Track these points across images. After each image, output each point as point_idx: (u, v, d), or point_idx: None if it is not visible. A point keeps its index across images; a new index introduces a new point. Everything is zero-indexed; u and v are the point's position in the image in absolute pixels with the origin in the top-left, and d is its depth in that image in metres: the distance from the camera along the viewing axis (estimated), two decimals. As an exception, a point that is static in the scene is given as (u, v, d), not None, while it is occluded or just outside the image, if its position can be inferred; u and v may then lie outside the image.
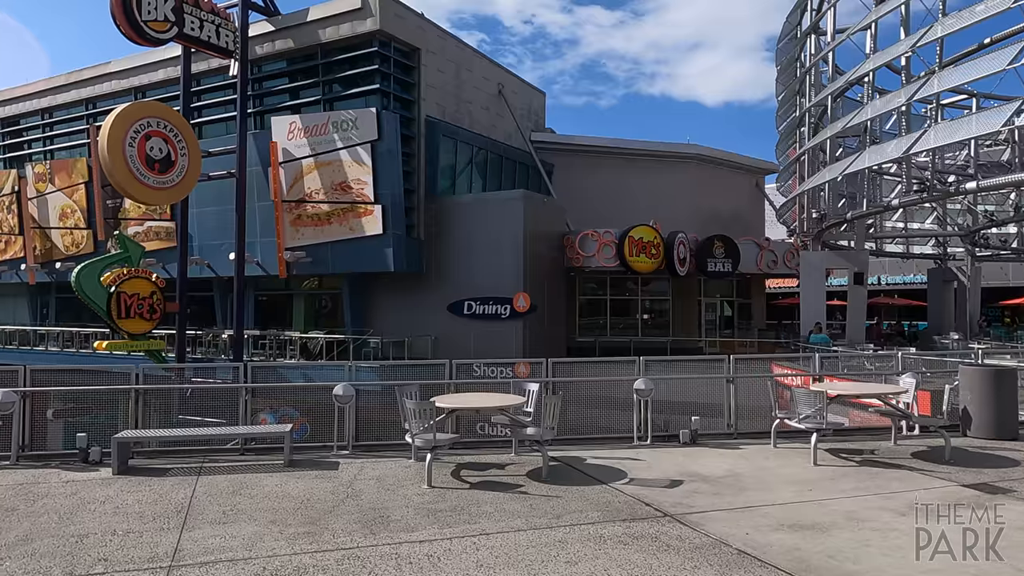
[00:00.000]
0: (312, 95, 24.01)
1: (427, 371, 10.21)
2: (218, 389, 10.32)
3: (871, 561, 5.41)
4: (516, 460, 8.92)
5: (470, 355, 22.66)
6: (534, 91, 31.49)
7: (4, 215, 31.26)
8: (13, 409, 8.64)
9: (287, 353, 23.76)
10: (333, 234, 23.06)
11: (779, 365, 16.15)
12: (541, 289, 23.19)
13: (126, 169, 20.84)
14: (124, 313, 22.09)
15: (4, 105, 31.89)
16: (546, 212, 24.31)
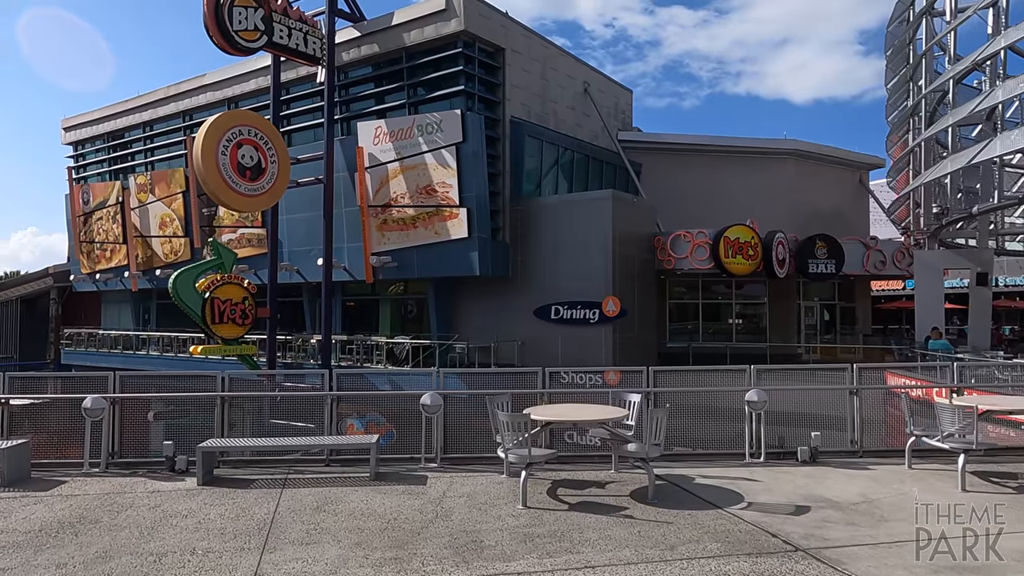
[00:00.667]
0: (397, 99, 23.93)
1: (517, 379, 9.58)
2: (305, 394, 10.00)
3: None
4: (616, 478, 8.18)
5: (557, 361, 22.03)
6: (620, 89, 30.59)
7: (109, 225, 32.71)
8: (103, 415, 8.53)
9: (373, 358, 23.70)
10: (418, 238, 22.86)
11: (895, 374, 14.76)
12: (631, 293, 22.28)
13: (219, 177, 21.22)
14: (217, 318, 22.48)
15: (110, 120, 33.44)
16: (635, 212, 23.39)
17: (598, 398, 9.11)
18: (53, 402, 9.28)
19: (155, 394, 9.19)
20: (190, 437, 8.79)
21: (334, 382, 9.05)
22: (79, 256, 34.41)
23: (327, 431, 8.80)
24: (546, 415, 7.52)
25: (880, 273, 26.50)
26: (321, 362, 23.44)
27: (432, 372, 9.27)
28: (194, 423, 9.67)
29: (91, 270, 33.81)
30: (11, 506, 7.06)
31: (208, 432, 8.92)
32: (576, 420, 7.69)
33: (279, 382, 10.40)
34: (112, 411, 8.83)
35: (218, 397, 8.87)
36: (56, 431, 9.44)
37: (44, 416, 9.39)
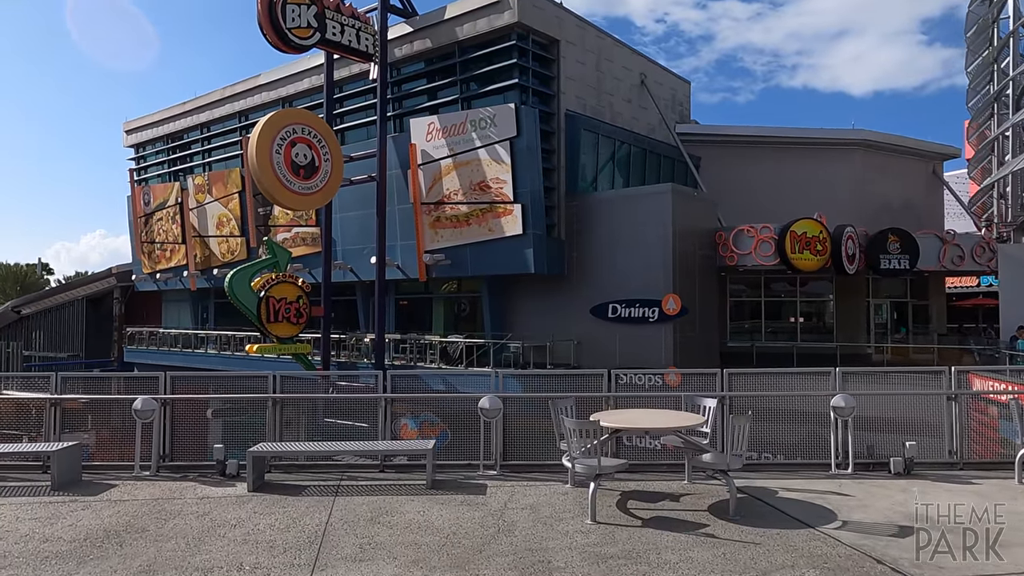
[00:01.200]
0: (450, 94, 23.56)
1: (579, 381, 8.99)
2: (358, 396, 9.62)
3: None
4: (691, 489, 7.55)
5: (614, 361, 21.34)
6: (678, 80, 29.64)
7: (169, 225, 33.27)
8: (153, 417, 8.29)
9: (427, 357, 23.40)
10: (472, 235, 22.45)
11: (982, 376, 13.68)
12: (691, 290, 21.44)
13: (273, 175, 21.17)
14: (272, 317, 22.48)
15: (169, 122, 34.01)
16: (696, 207, 22.51)
17: (668, 402, 8.48)
18: (106, 402, 9.06)
19: (205, 395, 8.91)
20: (248, 436, 8.50)
21: (387, 383, 8.63)
22: (140, 256, 35.12)
23: (381, 434, 8.39)
24: (616, 421, 6.94)
25: (957, 269, 25.02)
26: (375, 361, 23.25)
27: (491, 374, 8.76)
28: (253, 421, 9.37)
29: (152, 270, 34.47)
30: (59, 511, 6.82)
31: (263, 432, 8.63)
32: (648, 427, 7.09)
33: (333, 381, 10.04)
34: (163, 412, 8.59)
35: (269, 399, 8.54)
36: (110, 432, 9.28)
37: (98, 416, 9.22)
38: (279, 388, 8.61)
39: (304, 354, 24.00)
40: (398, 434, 9.98)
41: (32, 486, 7.78)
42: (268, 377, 8.61)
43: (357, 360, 24.81)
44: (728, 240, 22.10)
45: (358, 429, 8.79)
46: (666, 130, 27.57)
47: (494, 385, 8.62)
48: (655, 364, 20.58)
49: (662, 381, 19.79)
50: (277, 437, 8.54)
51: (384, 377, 8.68)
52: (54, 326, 39.97)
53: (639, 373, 12.49)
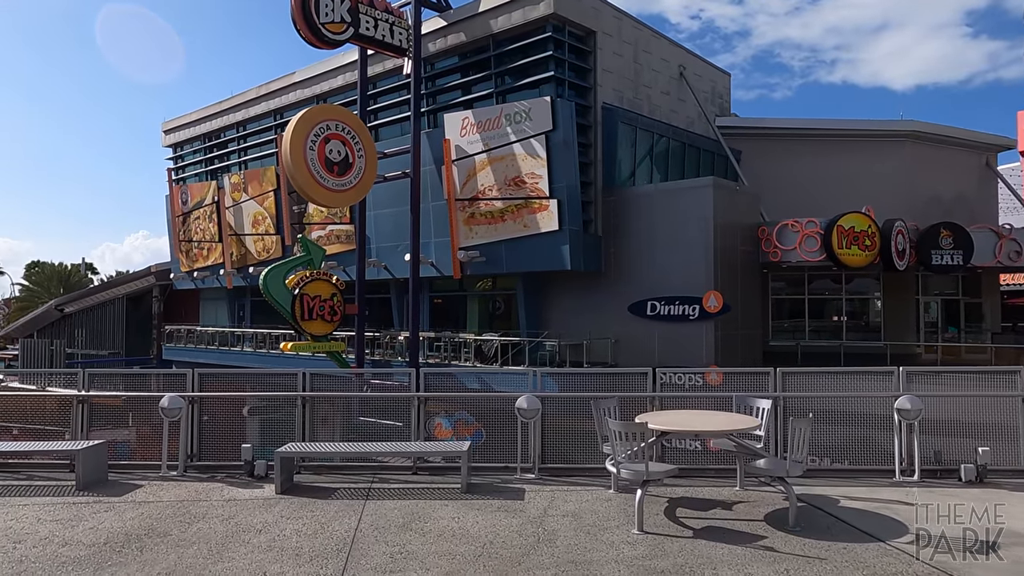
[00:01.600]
0: (484, 88, 23.16)
1: (620, 380, 8.49)
2: (390, 395, 9.26)
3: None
4: (743, 496, 7.04)
5: (653, 360, 20.75)
6: (718, 72, 28.85)
7: (206, 224, 33.48)
8: (180, 415, 8.03)
9: (461, 355, 23.06)
10: (507, 232, 22.04)
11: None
12: (733, 287, 20.74)
13: (307, 172, 20.99)
14: (307, 315, 22.34)
15: (206, 121, 34.21)
16: (738, 201, 21.77)
17: (717, 403, 7.97)
18: (145, 399, 8.84)
19: (232, 393, 8.64)
20: (283, 435, 8.20)
21: (421, 381, 8.26)
22: (178, 255, 35.42)
23: (414, 435, 8.02)
24: (664, 423, 6.46)
25: (1014, 265, 23.87)
26: (408, 359, 22.99)
27: (528, 372, 8.33)
28: (289, 419, 9.09)
29: (189, 268, 34.73)
30: (81, 513, 6.57)
31: (295, 431, 8.32)
32: (699, 430, 6.59)
33: (367, 379, 9.71)
34: (191, 411, 8.34)
35: (298, 397, 8.22)
36: (151, 428, 9.04)
37: (139, 413, 9.01)
38: (309, 386, 8.30)
39: (338, 352, 23.85)
40: (432, 433, 9.64)
41: (58, 486, 7.58)
42: (298, 375, 8.30)
43: (391, 358, 24.59)
44: (771, 235, 21.34)
45: (392, 428, 8.45)
46: (705, 123, 26.84)
47: (531, 384, 8.20)
48: (695, 363, 19.95)
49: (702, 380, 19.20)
50: (307, 437, 8.23)
51: (418, 375, 8.32)
52: (96, 324, 40.62)
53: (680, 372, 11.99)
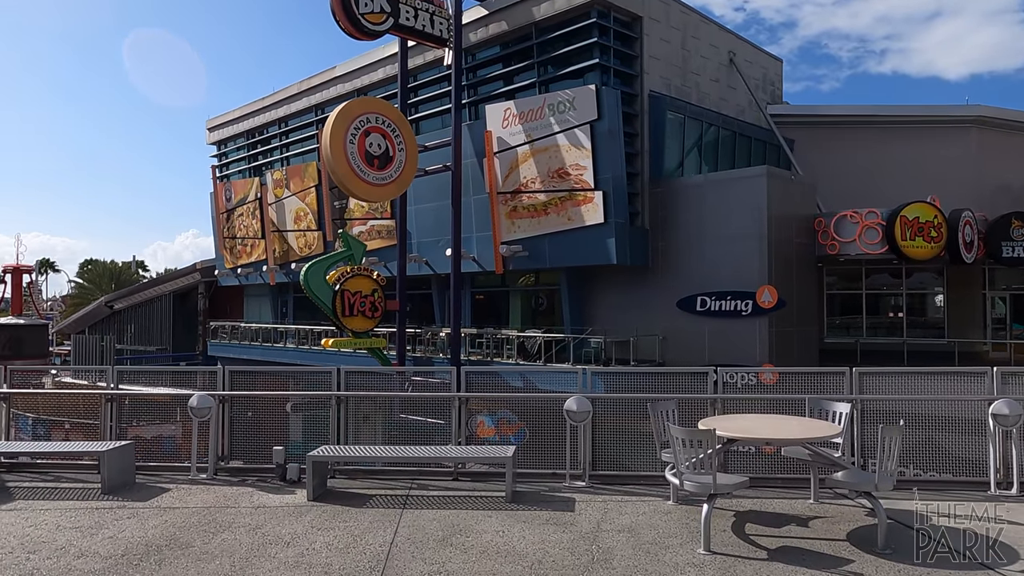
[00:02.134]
0: (527, 78, 22.56)
1: (675, 381, 7.82)
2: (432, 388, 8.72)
3: None
4: (818, 511, 6.33)
5: (703, 357, 19.96)
6: (769, 58, 27.73)
7: (249, 220, 33.57)
8: (210, 414, 7.62)
9: (504, 352, 22.54)
10: (550, 225, 21.41)
11: None
12: (788, 281, 19.77)
13: (347, 166, 20.67)
14: (347, 311, 22.04)
15: (249, 118, 34.29)
16: (793, 191, 20.75)
17: (786, 406, 7.26)
18: (164, 399, 8.49)
19: (266, 392, 8.20)
20: (323, 435, 7.77)
21: (463, 381, 7.72)
22: (223, 251, 35.63)
23: (454, 437, 7.48)
24: (732, 429, 5.79)
25: (1092, 257, 22.36)
26: (451, 357, 22.54)
27: (577, 371, 7.72)
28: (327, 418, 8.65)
29: (233, 265, 34.89)
30: (103, 520, 6.18)
31: (354, 428, 7.87)
32: (772, 438, 5.91)
33: (407, 377, 9.19)
34: (222, 410, 7.94)
35: (333, 396, 7.75)
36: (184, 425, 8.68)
37: (174, 410, 8.65)
38: (344, 384, 7.82)
39: (379, 349, 23.53)
40: (474, 431, 9.11)
41: (83, 489, 7.23)
42: (332, 372, 7.83)
43: (433, 355, 24.20)
44: (829, 227, 20.29)
45: (434, 426, 7.94)
46: (756, 111, 25.81)
47: (581, 383, 7.59)
48: (748, 361, 19.07)
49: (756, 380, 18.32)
50: (343, 438, 7.75)
51: (459, 374, 7.77)
52: (144, 320, 41.23)
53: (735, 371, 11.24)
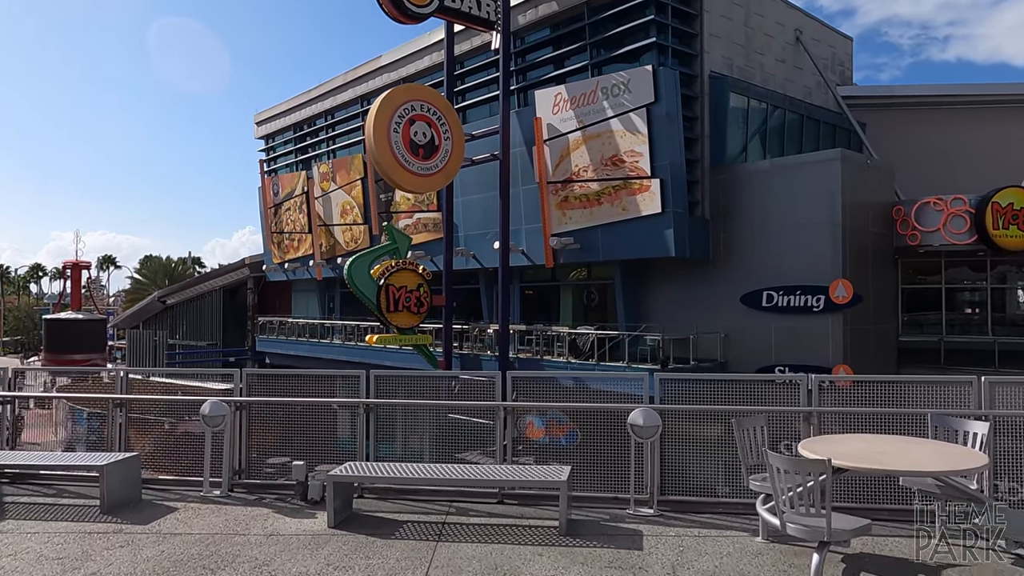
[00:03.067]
0: (578, 61, 21.36)
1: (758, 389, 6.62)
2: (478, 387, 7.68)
3: None
4: (949, 556, 5.07)
5: (769, 357, 18.58)
6: (838, 37, 25.88)
7: (296, 215, 33.18)
8: (224, 424, 6.75)
9: (554, 350, 21.45)
10: (603, 216, 20.22)
11: None
12: (863, 275, 18.18)
13: (391, 155, 19.85)
14: (392, 306, 21.26)
15: (296, 111, 33.88)
16: (869, 177, 19.09)
17: (900, 423, 6.00)
18: (176, 405, 7.66)
19: (286, 399, 7.28)
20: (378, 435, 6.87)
21: (509, 387, 6.67)
22: (271, 246, 35.36)
23: (499, 455, 6.44)
24: (847, 456, 4.60)
25: None
26: (499, 355, 21.58)
27: (643, 377, 6.59)
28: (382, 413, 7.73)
29: (281, 260, 34.58)
30: (92, 548, 5.33)
31: (390, 429, 6.95)
32: (904, 469, 4.70)
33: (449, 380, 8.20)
34: (239, 419, 7.06)
35: (361, 404, 6.80)
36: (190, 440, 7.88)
37: (173, 421, 7.84)
38: (374, 390, 6.85)
39: (425, 345, 22.71)
40: (523, 431, 8.09)
41: (82, 507, 6.42)
42: (360, 377, 6.87)
43: (480, 353, 23.26)
44: (910, 215, 18.61)
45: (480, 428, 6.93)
46: (824, 93, 24.10)
47: (647, 390, 6.46)
48: (819, 361, 17.61)
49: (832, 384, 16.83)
50: (370, 454, 6.79)
51: (504, 380, 6.73)
52: (195, 316, 41.40)
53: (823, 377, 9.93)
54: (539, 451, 10.93)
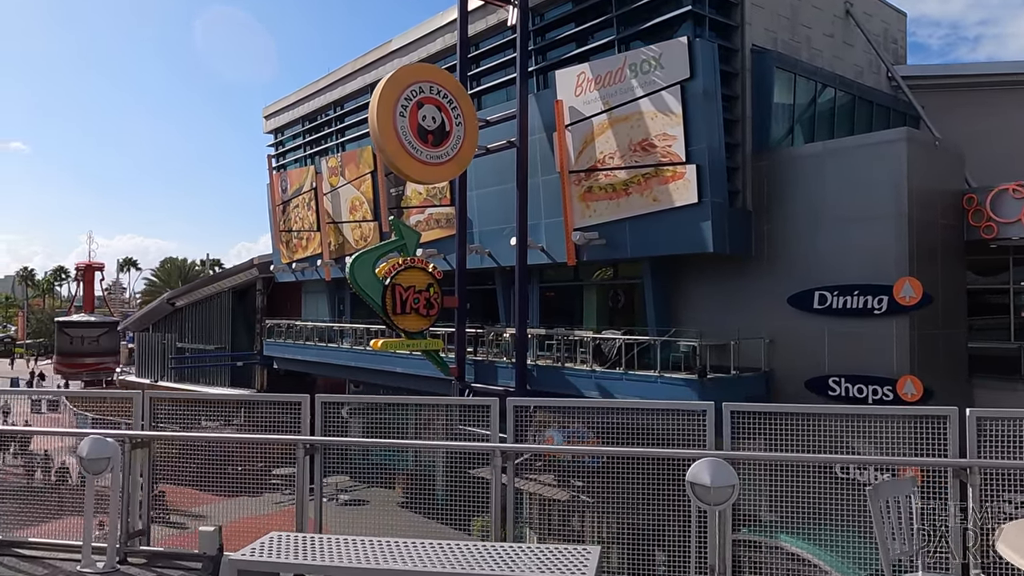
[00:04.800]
0: (604, 36, 19.30)
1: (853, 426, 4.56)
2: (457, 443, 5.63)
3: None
4: None
5: (822, 366, 16.42)
6: (892, 11, 23.42)
7: (305, 212, 31.46)
8: (109, 467, 4.80)
9: (577, 356, 19.39)
10: (632, 207, 18.13)
11: None
12: (932, 272, 15.88)
13: (396, 142, 18.02)
14: (399, 308, 19.44)
15: (305, 102, 32.13)
16: (937, 161, 16.72)
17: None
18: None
19: (195, 434, 5.33)
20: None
21: (510, 422, 4.65)
22: (279, 246, 33.69)
23: (495, 529, 4.42)
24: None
25: None
26: (516, 361, 19.59)
27: (707, 407, 4.51)
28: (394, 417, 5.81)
29: (289, 260, 32.89)
30: None
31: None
32: None
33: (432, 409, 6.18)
34: (138, 460, 5.12)
35: (300, 444, 4.81)
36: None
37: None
38: (322, 424, 4.86)
39: (436, 351, 20.80)
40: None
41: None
42: (302, 405, 4.88)
43: (496, 359, 21.27)
44: (984, 204, 16.27)
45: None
46: (875, 73, 21.79)
47: (713, 431, 4.39)
48: (881, 371, 15.41)
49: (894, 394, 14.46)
50: (318, 514, 4.80)
51: (503, 408, 4.70)
52: (204, 318, 39.89)
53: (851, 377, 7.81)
54: (560, 469, 9.02)
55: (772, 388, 17.19)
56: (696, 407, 4.53)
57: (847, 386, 15.85)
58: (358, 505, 8.83)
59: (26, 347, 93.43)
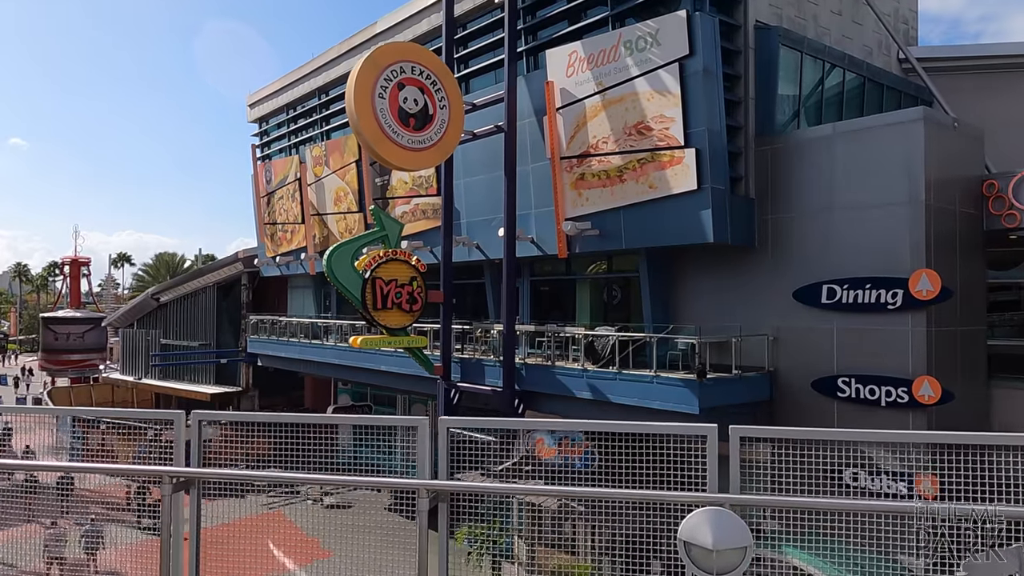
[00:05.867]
0: (597, 12, 18.10)
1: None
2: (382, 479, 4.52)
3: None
4: None
5: (831, 365, 15.27)
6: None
7: (289, 204, 30.26)
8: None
9: (569, 353, 18.25)
10: (627, 195, 16.94)
11: None
12: (950, 264, 14.69)
13: (375, 125, 16.85)
14: (380, 303, 18.30)
15: (289, 89, 30.84)
16: (956, 145, 15.47)
17: None
18: None
19: (38, 465, 4.15)
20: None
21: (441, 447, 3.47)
22: (264, 239, 32.49)
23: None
24: None
25: None
26: (504, 359, 18.44)
27: (707, 432, 3.33)
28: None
29: (274, 253, 31.68)
30: None
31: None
32: None
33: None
34: None
35: (167, 477, 3.63)
36: None
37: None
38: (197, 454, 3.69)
39: (420, 348, 19.68)
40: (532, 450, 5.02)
41: None
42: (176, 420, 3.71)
43: (484, 357, 20.12)
44: (1007, 191, 15.05)
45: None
46: (884, 55, 20.61)
47: (716, 464, 3.21)
48: (896, 371, 14.26)
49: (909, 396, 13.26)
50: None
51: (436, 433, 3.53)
52: (189, 314, 38.68)
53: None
54: (551, 475, 8.31)
55: (776, 389, 16.05)
56: (695, 431, 3.34)
57: (858, 387, 14.69)
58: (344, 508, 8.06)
59: (19, 343, 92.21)
